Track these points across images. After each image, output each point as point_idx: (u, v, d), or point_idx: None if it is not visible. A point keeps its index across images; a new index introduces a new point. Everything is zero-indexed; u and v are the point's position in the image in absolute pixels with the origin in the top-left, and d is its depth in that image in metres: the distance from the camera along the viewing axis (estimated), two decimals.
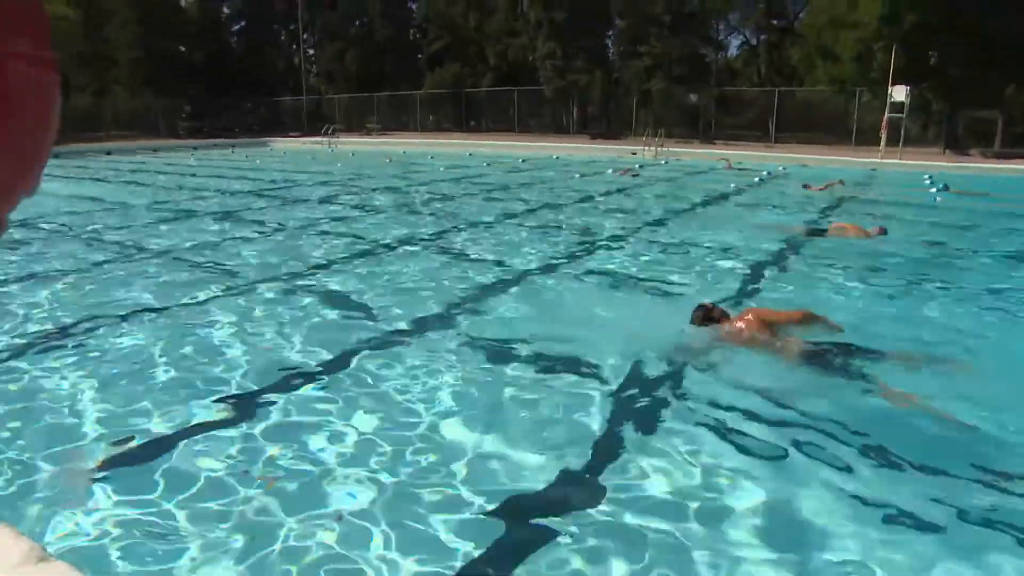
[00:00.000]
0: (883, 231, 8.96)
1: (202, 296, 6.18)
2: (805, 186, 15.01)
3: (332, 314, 5.73)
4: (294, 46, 52.77)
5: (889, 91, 21.79)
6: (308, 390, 4.12)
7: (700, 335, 4.79)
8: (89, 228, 9.73)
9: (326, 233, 9.43)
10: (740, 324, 4.73)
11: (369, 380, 4.29)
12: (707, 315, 4.82)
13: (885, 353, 4.54)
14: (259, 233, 9.47)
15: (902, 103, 21.47)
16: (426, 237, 9.11)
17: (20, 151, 1.38)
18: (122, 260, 7.71)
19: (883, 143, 22.36)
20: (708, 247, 8.47)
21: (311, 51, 52.77)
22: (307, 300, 6.09)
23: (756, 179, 16.38)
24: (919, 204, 12.87)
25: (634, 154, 24.26)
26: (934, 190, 14.34)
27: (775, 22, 38.11)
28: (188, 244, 8.62)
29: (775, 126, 31.84)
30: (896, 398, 4.00)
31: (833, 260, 7.78)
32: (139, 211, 11.50)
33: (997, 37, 21.54)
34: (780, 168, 19.75)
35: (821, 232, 9.37)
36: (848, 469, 3.28)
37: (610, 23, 37.96)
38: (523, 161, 22.14)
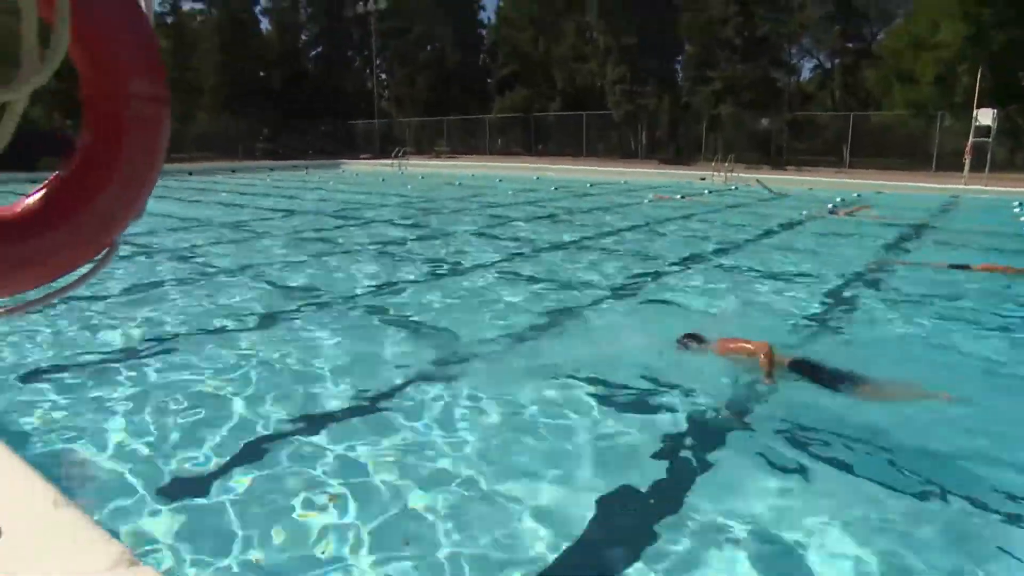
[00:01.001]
0: None
1: (273, 314, 6.38)
2: (832, 211, 14.73)
3: (396, 336, 5.82)
4: (367, 71, 54.29)
5: (974, 114, 21.00)
6: (367, 411, 4.20)
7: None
8: (167, 245, 10.16)
9: (392, 254, 9.62)
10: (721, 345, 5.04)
11: (433, 402, 4.34)
12: (694, 340, 5.14)
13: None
14: (328, 253, 9.73)
15: (988, 127, 20.66)
16: (493, 260, 9.19)
17: (133, 179, 1.48)
18: (195, 276, 8.03)
19: (966, 169, 21.53)
20: (780, 276, 8.29)
21: (383, 76, 54.17)
22: (372, 320, 6.21)
23: (829, 205, 15.97)
24: (1007, 233, 12.31)
25: (703, 179, 23.98)
26: None
27: (850, 45, 37.32)
28: (258, 262, 8.93)
29: (849, 151, 31.03)
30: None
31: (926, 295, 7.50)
32: (213, 228, 11.98)
33: None
34: (855, 195, 19.21)
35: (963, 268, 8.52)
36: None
37: (679, 47, 37.85)
38: (591, 186, 22.15)
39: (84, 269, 1.42)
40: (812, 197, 18.54)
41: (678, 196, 18.17)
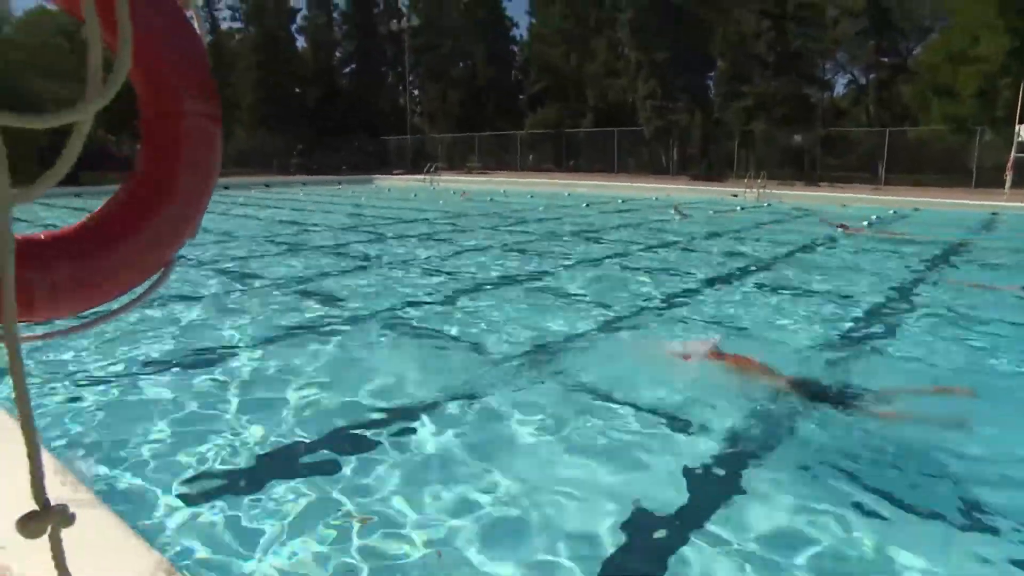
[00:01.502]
0: None
1: (303, 326, 6.45)
2: (841, 227, 14.69)
3: (425, 349, 5.86)
4: (400, 87, 54.97)
5: (1016, 129, 20.60)
6: (402, 426, 4.22)
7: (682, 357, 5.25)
8: (204, 257, 10.34)
9: (421, 268, 9.68)
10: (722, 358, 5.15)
11: (465, 418, 4.35)
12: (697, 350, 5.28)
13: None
14: (359, 267, 9.82)
15: None
16: (523, 275, 9.20)
17: (188, 197, 1.52)
18: (227, 289, 8.15)
19: (1008, 185, 21.10)
20: (816, 295, 8.18)
21: (416, 92, 54.79)
22: (401, 335, 6.25)
23: (864, 223, 15.75)
24: None
25: (735, 196, 23.82)
26: None
27: (885, 60, 36.88)
28: (292, 275, 9.05)
29: (885, 167, 30.59)
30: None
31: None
32: (246, 242, 12.17)
33: None
34: (891, 212, 18.94)
35: None
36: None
37: (711, 63, 37.75)
38: (623, 201, 22.12)
39: (142, 288, 1.46)
40: (844, 214, 18.31)
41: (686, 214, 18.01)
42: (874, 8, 34.97)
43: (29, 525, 1.11)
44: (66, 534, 2.52)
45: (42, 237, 1.30)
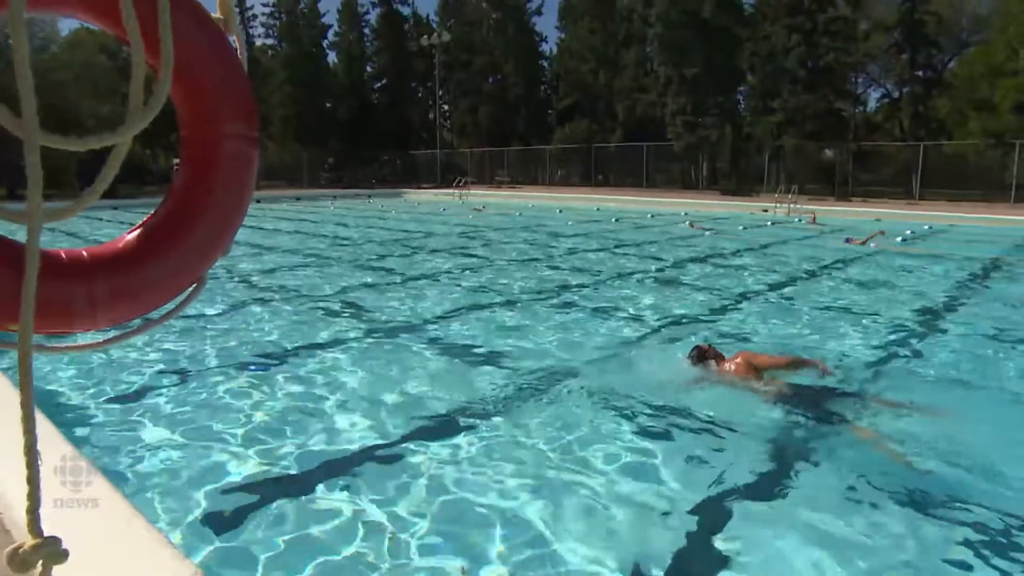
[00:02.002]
0: None
1: (332, 340, 6.51)
2: (847, 240, 14.87)
3: (454, 364, 5.88)
4: (430, 102, 55.52)
5: None
6: (434, 440, 4.23)
7: (693, 372, 5.33)
8: (234, 269, 10.50)
9: (452, 282, 9.73)
10: (730, 365, 5.25)
11: (487, 433, 4.35)
12: (702, 355, 5.37)
13: (868, 397, 5.08)
14: (387, 280, 9.90)
15: None
16: (551, 290, 9.20)
17: (224, 216, 1.56)
18: (257, 301, 8.26)
19: None
20: (848, 312, 8.07)
21: (445, 107, 55.29)
22: (427, 349, 6.28)
23: (899, 239, 15.51)
24: None
25: (765, 211, 23.62)
26: None
27: (920, 73, 36.40)
28: (320, 287, 9.15)
29: (919, 182, 30.11)
30: (863, 434, 4.46)
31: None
32: (278, 254, 12.34)
33: None
34: (926, 227, 18.63)
35: None
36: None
37: (742, 78, 37.60)
38: (652, 216, 22.05)
39: (172, 304, 1.49)
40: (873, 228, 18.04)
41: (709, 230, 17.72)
42: (908, 21, 34.58)
43: (16, 558, 1.08)
44: (103, 542, 2.58)
45: (83, 253, 1.34)
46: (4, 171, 27.19)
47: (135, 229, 1.38)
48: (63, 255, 1.30)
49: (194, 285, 1.47)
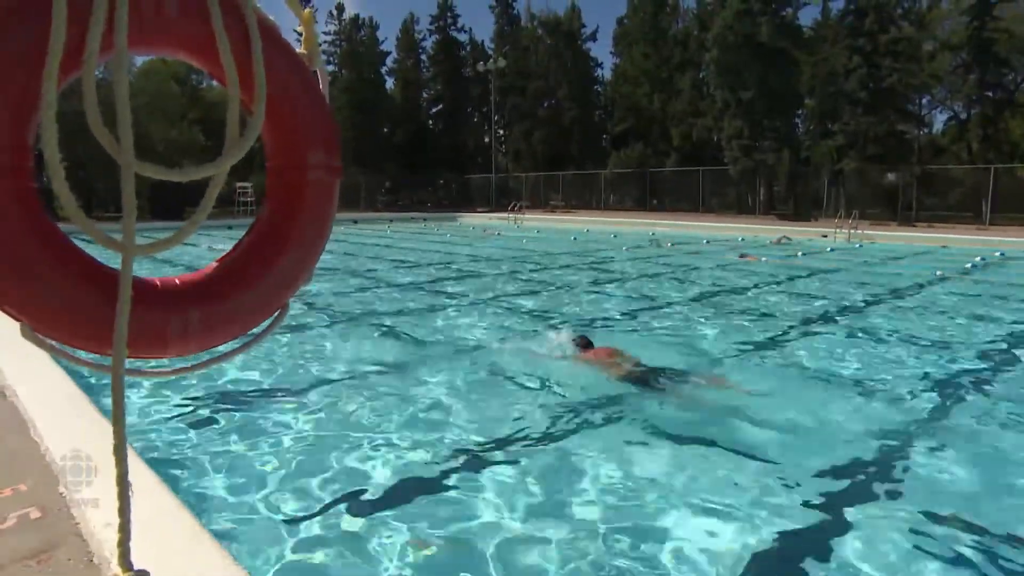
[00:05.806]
0: None
1: (392, 361, 6.59)
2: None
3: (507, 387, 5.88)
4: (485, 126, 56.20)
5: None
6: (483, 463, 4.24)
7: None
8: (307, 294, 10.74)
9: (507, 307, 9.76)
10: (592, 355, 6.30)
11: (540, 458, 4.34)
12: (585, 343, 6.55)
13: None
14: (446, 303, 9.98)
15: None
16: (608, 316, 9.16)
17: (305, 244, 1.61)
18: (316, 322, 8.42)
19: None
20: (914, 342, 7.82)
21: (500, 131, 55.88)
22: (480, 373, 6.30)
23: (968, 265, 14.98)
24: None
25: (825, 236, 23.11)
26: None
27: (989, 94, 35.20)
28: (377, 309, 9.27)
29: (989, 207, 29.01)
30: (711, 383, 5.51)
31: None
32: (336, 276, 12.58)
33: None
34: (997, 253, 17.95)
35: None
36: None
37: (800, 101, 37.02)
38: (707, 242, 21.80)
39: (258, 328, 1.54)
40: (946, 255, 17.48)
41: (763, 259, 17.14)
42: (977, 39, 33.56)
43: None
44: (172, 561, 2.64)
45: (177, 281, 1.39)
46: (81, 191, 28.47)
47: (224, 257, 1.43)
48: (158, 283, 1.35)
49: (278, 311, 1.52)
